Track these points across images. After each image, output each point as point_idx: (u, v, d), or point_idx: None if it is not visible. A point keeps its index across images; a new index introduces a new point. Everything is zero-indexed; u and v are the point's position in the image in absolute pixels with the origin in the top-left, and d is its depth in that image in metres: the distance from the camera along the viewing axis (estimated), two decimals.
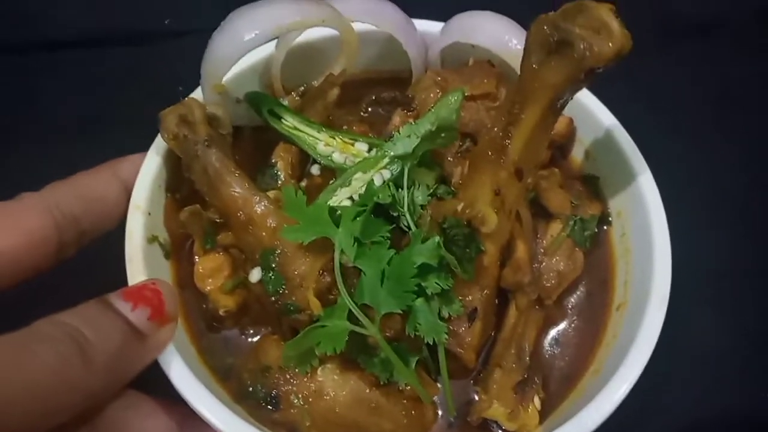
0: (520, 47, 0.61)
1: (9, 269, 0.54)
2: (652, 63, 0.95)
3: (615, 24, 0.47)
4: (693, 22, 1.03)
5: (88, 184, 0.61)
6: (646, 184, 0.64)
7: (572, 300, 0.65)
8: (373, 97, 0.76)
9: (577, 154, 0.73)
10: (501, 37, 0.68)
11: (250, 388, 0.57)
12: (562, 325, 0.64)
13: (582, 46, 0.47)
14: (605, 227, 0.68)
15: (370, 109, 0.76)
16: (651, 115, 0.87)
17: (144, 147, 0.66)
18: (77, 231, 0.59)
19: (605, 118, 0.69)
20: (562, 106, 0.53)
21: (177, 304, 0.55)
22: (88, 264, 0.63)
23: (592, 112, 0.69)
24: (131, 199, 0.62)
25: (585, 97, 0.69)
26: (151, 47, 1.01)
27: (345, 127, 0.71)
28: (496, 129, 0.55)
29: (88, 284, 0.55)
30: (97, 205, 0.60)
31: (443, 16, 0.74)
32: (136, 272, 0.58)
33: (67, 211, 0.58)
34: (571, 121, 0.71)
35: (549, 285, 0.62)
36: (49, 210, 0.57)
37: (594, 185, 0.70)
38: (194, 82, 0.68)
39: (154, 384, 0.54)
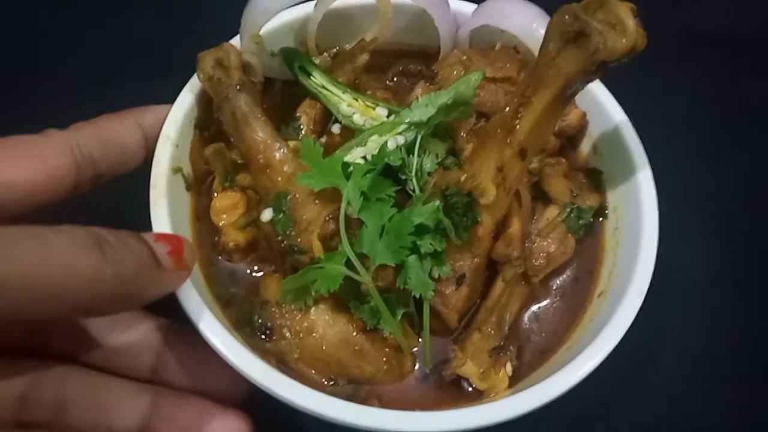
0: None
1: (26, 199, 0.58)
2: (670, 69, 0.97)
3: (631, 22, 0.50)
4: (714, 36, 1.05)
5: (111, 129, 0.64)
6: (645, 185, 0.67)
7: (558, 282, 0.69)
8: (400, 68, 0.79)
9: (585, 146, 0.76)
10: (529, 25, 0.71)
11: (248, 318, 0.62)
12: (545, 303, 0.67)
13: (597, 39, 0.50)
14: (601, 219, 0.71)
15: (395, 79, 0.79)
16: (661, 118, 0.89)
17: (172, 94, 0.69)
18: (94, 172, 0.62)
19: (617, 115, 0.71)
20: (573, 95, 0.56)
21: (195, 257, 0.57)
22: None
23: (605, 109, 0.72)
24: (162, 129, 0.66)
25: (600, 93, 0.72)
26: None
27: (369, 92, 0.74)
28: (507, 109, 0.58)
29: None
30: (116, 151, 0.63)
31: None
32: (158, 197, 0.63)
33: (87, 153, 0.61)
34: (584, 114, 0.74)
35: (537, 264, 0.66)
36: (71, 150, 0.60)
37: (596, 179, 0.73)
38: (229, 34, 0.71)
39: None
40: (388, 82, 0.79)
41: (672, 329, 0.78)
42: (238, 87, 0.65)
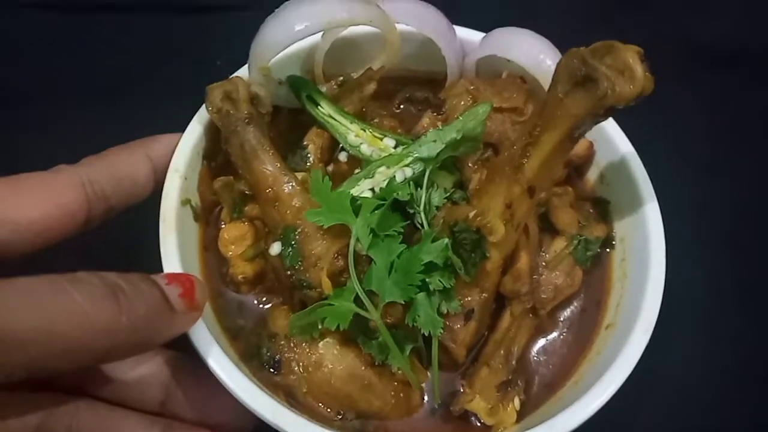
0: (553, 68, 0.64)
1: (38, 237, 0.58)
2: (673, 83, 0.96)
3: (639, 68, 0.50)
4: (716, 53, 1.05)
5: (121, 162, 0.64)
6: (652, 216, 0.67)
7: (566, 314, 0.69)
8: (407, 95, 0.80)
9: (592, 176, 0.76)
10: (536, 56, 0.71)
11: (257, 351, 0.62)
12: (552, 336, 0.68)
13: (605, 85, 0.51)
14: (608, 250, 0.71)
15: (402, 106, 0.80)
16: (666, 142, 0.90)
17: (179, 116, 0.69)
18: (105, 207, 0.62)
19: (623, 146, 0.72)
20: (580, 135, 0.57)
21: (206, 297, 0.57)
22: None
23: (612, 139, 0.72)
24: (171, 163, 0.66)
25: (607, 123, 0.72)
26: (194, 19, 1.05)
27: (376, 120, 0.75)
28: (516, 147, 0.58)
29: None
30: (127, 184, 0.64)
31: (484, 27, 0.78)
32: (167, 232, 0.63)
33: (99, 189, 0.61)
34: (591, 144, 0.74)
35: (545, 296, 0.66)
36: (83, 185, 0.60)
37: (603, 208, 0.73)
38: (232, 57, 0.72)
39: None
40: (394, 109, 0.80)
41: (674, 341, 0.77)
42: (246, 120, 0.65)
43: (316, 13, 0.63)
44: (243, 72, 0.71)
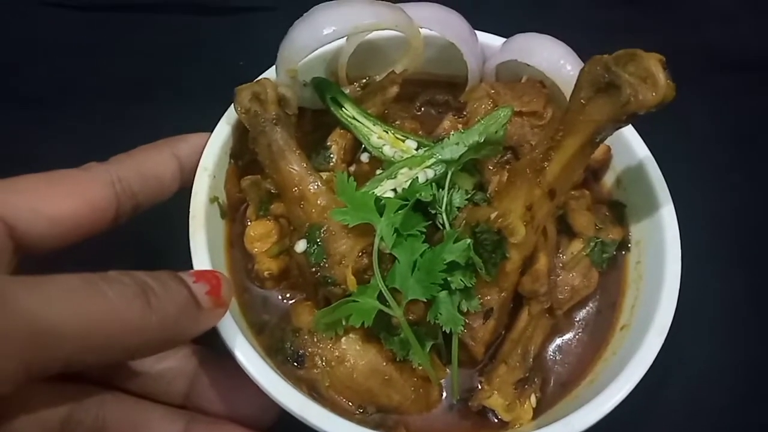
0: (573, 73, 0.66)
1: (69, 233, 0.60)
2: (690, 91, 0.98)
3: (661, 76, 0.51)
4: (730, 57, 1.06)
5: (149, 161, 0.66)
6: (668, 220, 0.68)
7: (581, 314, 0.70)
8: (428, 98, 0.81)
9: (608, 179, 0.77)
10: (556, 62, 0.73)
11: (281, 345, 0.63)
12: (568, 336, 0.69)
13: (628, 92, 0.52)
14: (623, 253, 0.73)
15: (423, 109, 0.82)
16: (680, 147, 0.90)
17: (205, 115, 0.71)
18: (133, 204, 0.64)
19: (640, 150, 0.73)
20: (601, 140, 0.58)
21: (231, 294, 0.58)
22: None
23: (629, 144, 0.74)
24: (200, 161, 0.68)
25: (625, 128, 0.73)
26: (216, 19, 1.07)
27: (398, 122, 0.76)
28: (537, 150, 0.60)
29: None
30: (154, 182, 0.65)
31: (505, 32, 0.79)
32: (197, 228, 0.65)
33: (127, 186, 0.63)
34: (609, 149, 0.75)
35: (562, 297, 0.67)
36: (112, 183, 0.62)
37: (620, 212, 0.75)
38: (254, 57, 0.74)
39: None
40: (416, 111, 0.82)
41: (688, 343, 0.78)
42: (274, 121, 0.67)
43: (344, 17, 0.65)
44: (270, 74, 0.73)
